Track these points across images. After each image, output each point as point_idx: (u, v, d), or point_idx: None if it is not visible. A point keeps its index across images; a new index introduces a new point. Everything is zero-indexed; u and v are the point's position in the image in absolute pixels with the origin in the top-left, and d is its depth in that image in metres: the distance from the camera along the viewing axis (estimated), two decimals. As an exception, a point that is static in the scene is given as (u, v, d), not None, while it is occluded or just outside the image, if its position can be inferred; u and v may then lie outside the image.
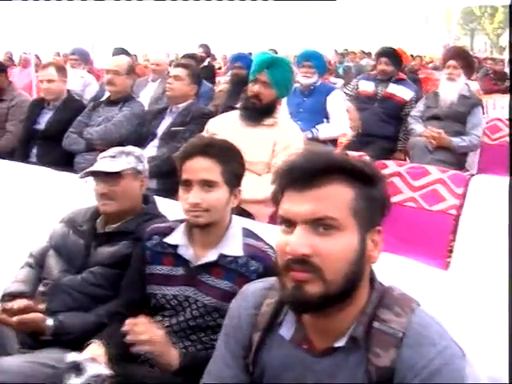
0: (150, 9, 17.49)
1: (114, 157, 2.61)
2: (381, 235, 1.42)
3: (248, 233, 2.24)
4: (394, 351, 1.36)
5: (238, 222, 2.28)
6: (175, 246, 2.22)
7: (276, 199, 1.43)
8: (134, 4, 16.89)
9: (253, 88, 3.78)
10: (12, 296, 2.51)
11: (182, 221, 2.27)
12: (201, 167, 2.13)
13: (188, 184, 2.15)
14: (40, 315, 2.33)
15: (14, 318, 2.27)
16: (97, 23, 14.82)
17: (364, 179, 1.39)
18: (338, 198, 1.36)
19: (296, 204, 1.37)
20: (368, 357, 1.37)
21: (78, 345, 2.16)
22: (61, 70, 5.13)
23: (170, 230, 2.27)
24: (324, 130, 5.24)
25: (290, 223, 1.37)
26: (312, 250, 1.33)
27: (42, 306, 2.39)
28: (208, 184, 2.13)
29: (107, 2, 15.21)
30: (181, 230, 2.25)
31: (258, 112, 3.77)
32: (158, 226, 2.33)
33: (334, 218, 1.34)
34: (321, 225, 1.34)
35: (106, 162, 2.61)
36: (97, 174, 2.59)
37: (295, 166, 1.39)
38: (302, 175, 1.37)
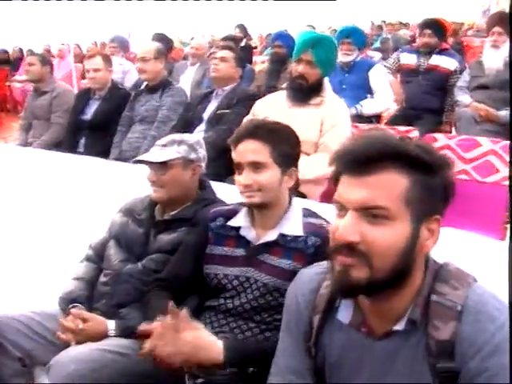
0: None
1: (164, 145, 2.64)
2: (439, 223, 1.39)
3: (308, 212, 2.27)
4: (453, 324, 1.36)
5: (299, 203, 2.31)
6: (238, 228, 2.28)
7: (334, 182, 1.44)
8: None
9: (297, 68, 3.78)
10: (69, 301, 2.57)
11: (244, 204, 2.31)
12: (249, 149, 2.19)
13: (239, 167, 2.22)
14: (100, 320, 2.38)
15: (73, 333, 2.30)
16: (132, 10, 14.87)
17: (422, 167, 1.35)
18: (390, 186, 1.34)
19: (348, 190, 1.37)
20: (427, 331, 1.38)
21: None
22: (107, 59, 5.22)
23: (233, 213, 2.32)
24: (368, 106, 5.24)
25: (342, 208, 1.38)
26: (360, 238, 1.34)
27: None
28: (257, 165, 2.18)
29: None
30: (243, 212, 2.30)
31: (305, 92, 3.77)
32: (221, 209, 2.38)
33: (385, 208, 1.33)
34: (371, 213, 1.34)
35: (155, 150, 2.65)
36: (147, 162, 2.64)
37: (351, 151, 1.38)
38: (356, 161, 1.36)
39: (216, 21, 16.05)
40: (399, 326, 1.42)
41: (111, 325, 2.37)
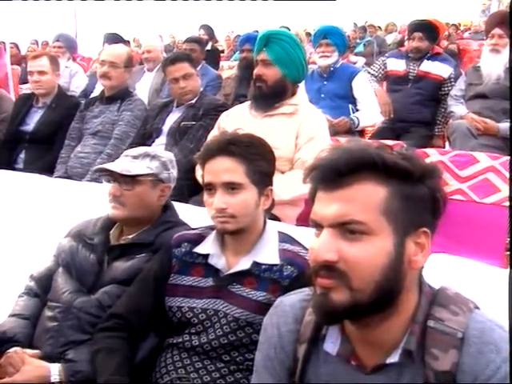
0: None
1: (136, 157, 2.64)
2: (428, 237, 1.43)
3: (284, 237, 2.30)
4: (454, 353, 1.39)
5: (274, 226, 2.34)
6: (206, 256, 2.29)
7: (311, 200, 1.48)
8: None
9: (255, 71, 3.83)
10: (5, 341, 2.51)
11: (212, 228, 2.32)
12: (223, 168, 2.20)
13: (211, 187, 2.23)
14: (39, 364, 2.36)
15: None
16: (80, 5, 14.81)
17: (402, 175, 1.39)
18: (366, 198, 1.38)
19: (323, 206, 1.41)
20: (425, 361, 1.40)
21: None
22: (54, 61, 5.15)
23: (200, 238, 2.33)
24: (363, 119, 5.27)
25: (319, 226, 1.42)
26: (338, 256, 1.37)
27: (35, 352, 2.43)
28: (232, 186, 2.20)
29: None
30: (212, 237, 2.31)
31: (267, 96, 3.77)
32: (187, 233, 2.40)
33: (362, 222, 1.37)
34: (348, 229, 1.38)
35: (125, 161, 2.64)
36: (112, 173, 2.62)
37: (323, 164, 1.43)
38: (329, 174, 1.40)
39: (177, 20, 16.05)
40: (393, 358, 1.44)
41: (54, 369, 2.34)
